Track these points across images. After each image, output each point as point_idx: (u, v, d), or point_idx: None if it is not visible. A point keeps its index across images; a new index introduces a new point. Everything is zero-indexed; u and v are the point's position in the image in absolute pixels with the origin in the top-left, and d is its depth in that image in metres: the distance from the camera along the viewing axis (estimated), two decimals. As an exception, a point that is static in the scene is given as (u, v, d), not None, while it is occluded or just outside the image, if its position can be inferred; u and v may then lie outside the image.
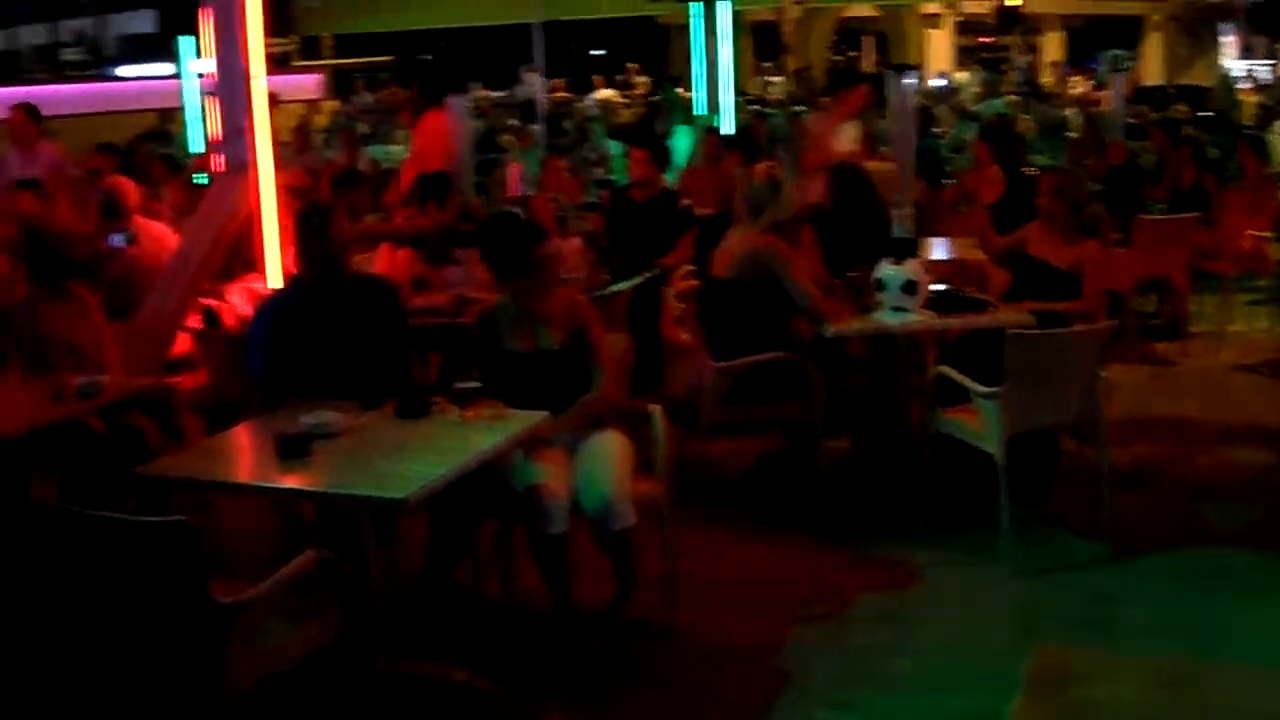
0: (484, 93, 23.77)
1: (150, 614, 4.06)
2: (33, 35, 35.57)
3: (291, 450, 4.56)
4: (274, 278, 7.63)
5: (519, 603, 5.52)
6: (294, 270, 6.26)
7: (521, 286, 5.62)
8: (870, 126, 11.53)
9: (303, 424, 4.73)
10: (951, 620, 5.62)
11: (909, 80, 9.02)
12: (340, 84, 27.06)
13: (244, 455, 5.00)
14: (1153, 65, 30.54)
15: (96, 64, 32.22)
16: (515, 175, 10.03)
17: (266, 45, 7.77)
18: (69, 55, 33.17)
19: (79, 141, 14.97)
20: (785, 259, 6.72)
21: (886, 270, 6.66)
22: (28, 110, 11.56)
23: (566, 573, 5.26)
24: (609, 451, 5.39)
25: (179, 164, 12.34)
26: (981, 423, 6.18)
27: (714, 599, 5.72)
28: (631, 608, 5.51)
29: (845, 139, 10.19)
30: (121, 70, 29.02)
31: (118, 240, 7.78)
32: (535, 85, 22.17)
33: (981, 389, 6.09)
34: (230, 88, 7.66)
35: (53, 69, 30.64)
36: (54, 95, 20.29)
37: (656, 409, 5.56)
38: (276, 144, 7.89)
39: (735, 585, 5.92)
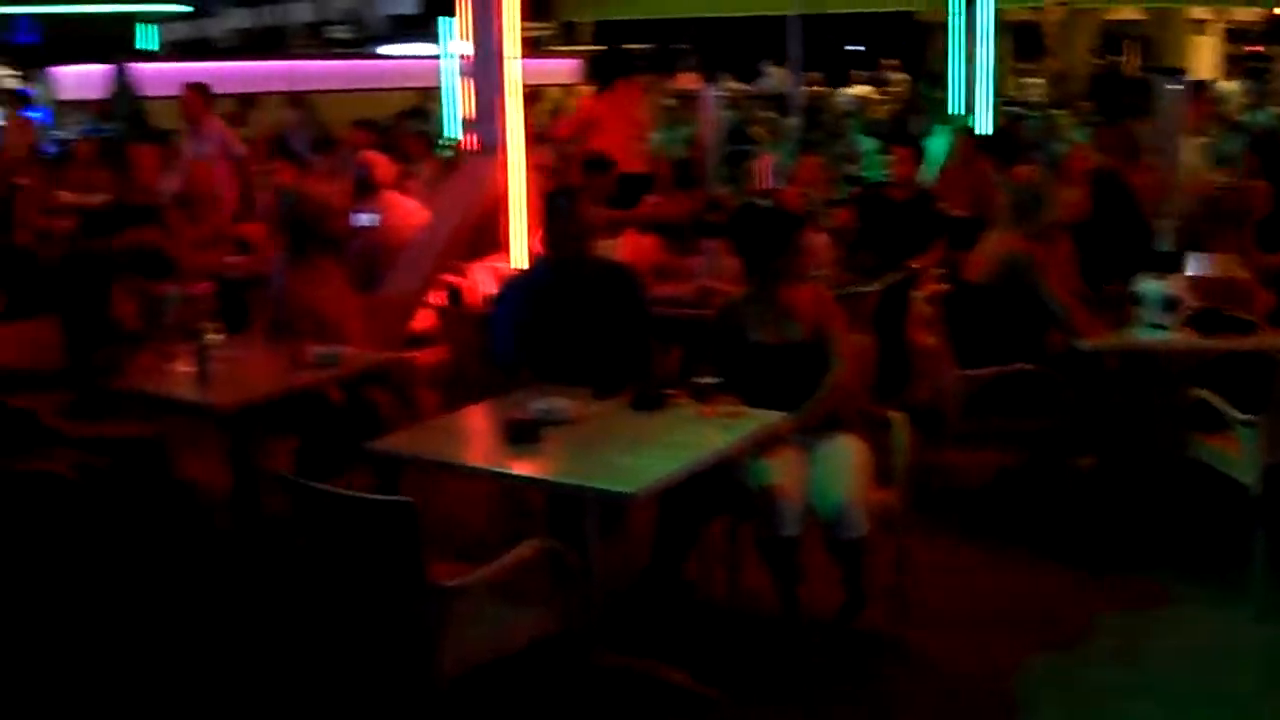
0: (735, 84, 23.69)
1: (368, 591, 4.05)
2: (302, 12, 36.72)
3: (521, 435, 4.51)
4: (519, 258, 7.65)
5: (743, 604, 5.38)
6: (540, 251, 6.22)
7: (771, 277, 5.47)
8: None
9: (534, 409, 4.68)
10: (1193, 662, 5.27)
11: (1176, 85, 8.58)
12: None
13: (475, 437, 4.98)
14: None
15: (361, 42, 33.12)
16: (766, 167, 9.90)
17: (525, 29, 7.81)
18: (335, 33, 34.20)
19: (342, 116, 15.38)
20: (1043, 267, 6.47)
21: (1147, 285, 6.37)
22: (199, 89, 11.85)
23: (796, 577, 5.09)
24: (846, 456, 5.21)
25: (435, 142, 12.53)
26: (1239, 451, 5.83)
27: (944, 617, 5.50)
28: (859, 619, 5.32)
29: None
30: (385, 49, 29.68)
31: (363, 220, 7.86)
32: (776, 78, 21.97)
33: (1241, 416, 5.75)
34: (484, 69, 7.73)
35: (319, 45, 31.55)
36: (320, 70, 20.85)
37: (898, 416, 5.37)
38: (530, 126, 7.90)
39: (968, 604, 5.68)
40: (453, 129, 12.56)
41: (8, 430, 5.32)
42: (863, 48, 33.80)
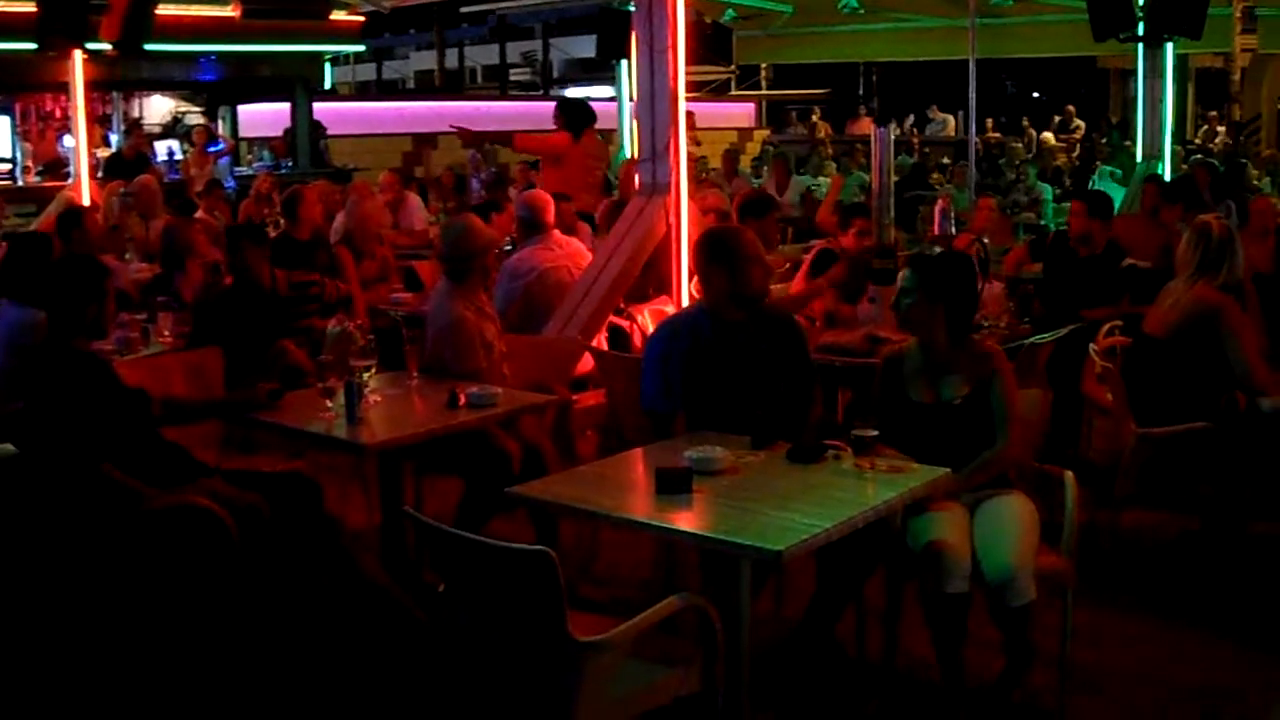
0: (913, 129, 23.52)
1: (507, 642, 3.95)
2: (484, 55, 37.32)
3: (671, 485, 4.37)
4: (685, 301, 7.57)
5: (900, 665, 5.16)
6: (698, 296, 6.10)
7: (950, 329, 5.26)
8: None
9: (686, 458, 4.54)
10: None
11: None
12: (773, 115, 27.25)
13: (625, 485, 4.85)
14: None
15: (541, 84, 33.51)
16: (940, 213, 9.69)
17: (703, 73, 7.81)
18: (516, 75, 34.66)
19: (518, 156, 15.52)
20: (1237, 322, 6.17)
21: (1334, 342, 6.05)
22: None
23: (961, 638, 4.84)
24: (1014, 517, 4.97)
25: (610, 184, 12.56)
26: None
27: (1110, 690, 5.20)
28: (1021, 688, 5.06)
29: None
30: (565, 91, 29.97)
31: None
32: (942, 123, 21.72)
33: None
34: (652, 110, 7.66)
35: (499, 88, 31.98)
36: (499, 112, 21.10)
37: (1069, 475, 5.12)
38: (692, 165, 7.84)
39: (1135, 678, 5.36)
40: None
41: (160, 463, 5.33)
42: (1042, 95, 33.33)
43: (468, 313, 6.38)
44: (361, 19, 19.70)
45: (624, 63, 14.75)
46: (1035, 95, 37.40)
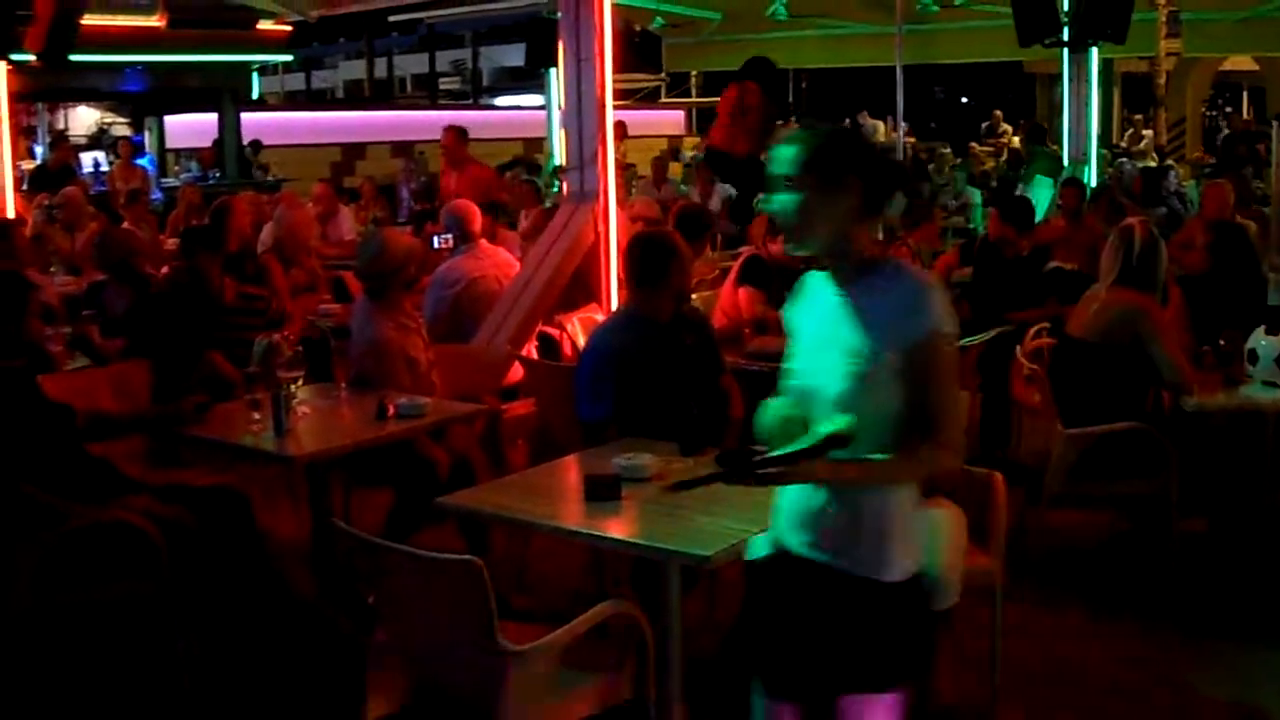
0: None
1: (436, 651, 3.93)
2: (413, 64, 37.24)
3: (600, 493, 4.37)
4: (615, 308, 7.56)
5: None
6: (625, 303, 6.10)
7: None
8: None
9: (615, 466, 4.54)
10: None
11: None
12: (704, 121, 27.30)
13: (555, 493, 4.84)
14: None
15: (471, 94, 33.45)
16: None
17: (633, 81, 7.82)
18: (446, 84, 34.57)
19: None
20: (1158, 323, 6.24)
21: (1260, 341, 6.13)
22: (458, 132, 12.21)
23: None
24: (939, 522, 4.99)
25: (540, 191, 12.56)
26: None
27: (1040, 689, 5.24)
28: (948, 690, 5.07)
29: None
30: (495, 99, 29.95)
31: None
32: (872, 129, 21.83)
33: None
34: (579, 118, 7.66)
35: (429, 97, 31.89)
36: (428, 121, 21.00)
37: (997, 477, 5.15)
38: (620, 172, 7.85)
39: (1065, 675, 5.41)
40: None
41: (86, 479, 5.26)
42: (971, 100, 33.59)
43: (388, 330, 6.32)
44: (289, 29, 19.61)
45: (553, 71, 14.73)
46: (964, 100, 37.72)
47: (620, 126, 18.65)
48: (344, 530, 4.17)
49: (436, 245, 8.06)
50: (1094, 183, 13.28)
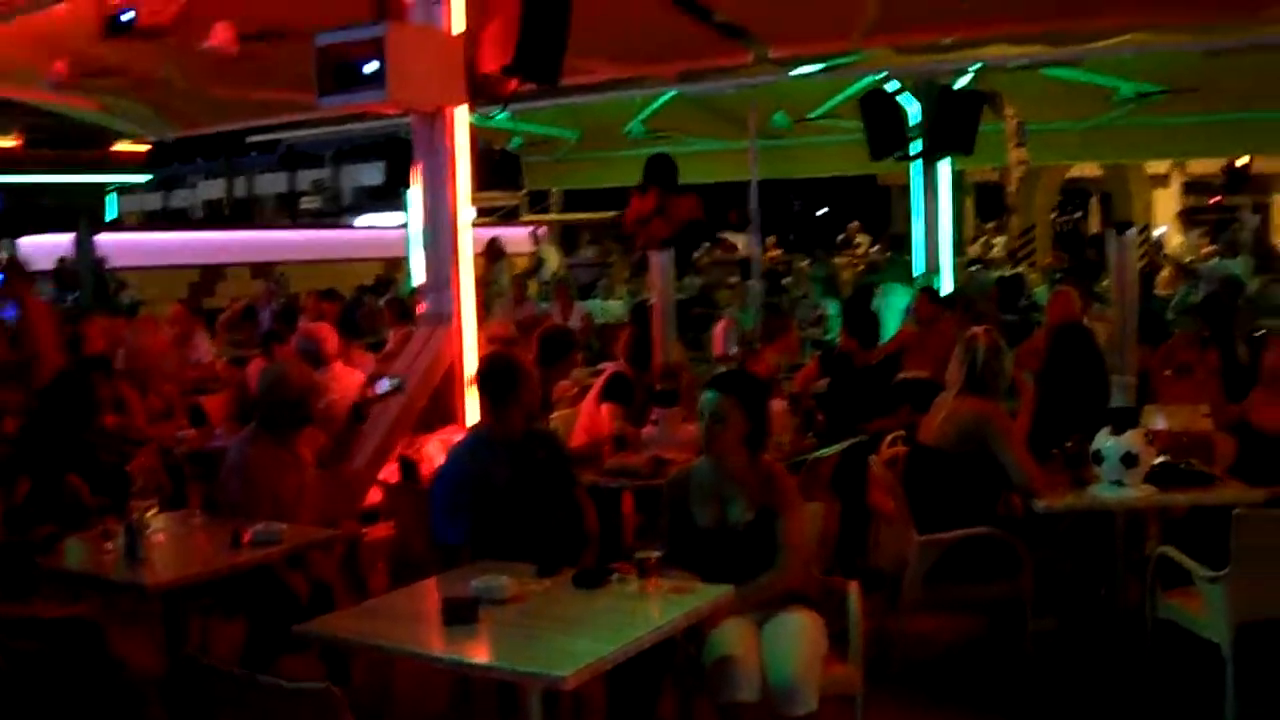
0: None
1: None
2: (273, 183, 37.11)
3: (457, 616, 4.36)
4: (472, 429, 7.55)
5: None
6: (480, 423, 6.12)
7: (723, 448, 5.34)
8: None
9: (472, 588, 4.53)
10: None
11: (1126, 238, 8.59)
12: (566, 238, 27.48)
13: (413, 617, 4.80)
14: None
15: (332, 213, 33.39)
16: (723, 332, 9.89)
17: (494, 199, 7.87)
18: (306, 204, 34.49)
19: (312, 285, 15.42)
20: (1004, 429, 6.40)
21: (1105, 441, 6.29)
22: None
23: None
24: (799, 630, 5.06)
25: (408, 311, 12.55)
26: (1206, 609, 5.71)
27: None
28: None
29: None
30: (355, 220, 29.93)
31: (384, 386, 7.65)
32: (730, 243, 22.18)
33: (1206, 572, 5.63)
34: (436, 240, 7.69)
35: (289, 216, 31.81)
36: (289, 241, 20.96)
37: (853, 586, 5.23)
38: (480, 293, 7.88)
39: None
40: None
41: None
42: (827, 210, 34.18)
43: (263, 459, 6.24)
44: (147, 148, 19.50)
45: (412, 190, 14.76)
46: (822, 212, 38.36)
47: (496, 244, 18.86)
48: (199, 661, 4.11)
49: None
50: (948, 291, 13.55)
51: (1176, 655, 5.98)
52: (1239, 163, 26.91)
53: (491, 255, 19.29)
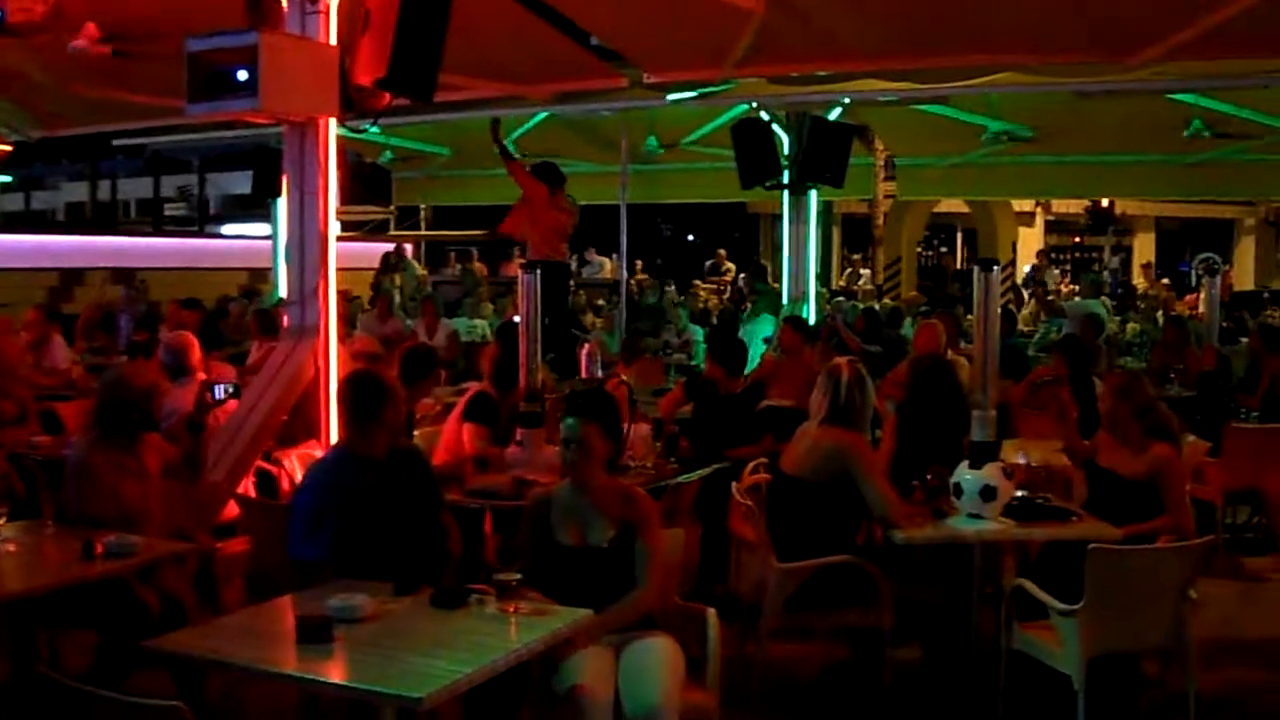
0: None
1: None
2: (138, 188, 36.49)
3: (312, 635, 4.30)
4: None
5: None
6: (341, 439, 6.05)
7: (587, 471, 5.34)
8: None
9: (327, 607, 4.47)
10: None
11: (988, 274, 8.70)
12: (432, 255, 27.32)
13: (266, 635, 4.72)
14: (1245, 269, 30.22)
15: (197, 220, 32.91)
16: (585, 355, 9.90)
17: (362, 213, 7.78)
18: (171, 210, 33.95)
19: (173, 294, 15.15)
20: (866, 460, 6.46)
21: (964, 474, 6.38)
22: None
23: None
24: (657, 657, 5.05)
25: (273, 323, 12.39)
26: (1060, 642, 5.81)
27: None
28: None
29: None
30: (220, 228, 29.53)
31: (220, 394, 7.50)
32: (599, 265, 22.26)
33: (1060, 606, 5.73)
34: (302, 252, 7.60)
35: (152, 222, 31.29)
36: (152, 248, 20.60)
37: (710, 612, 5.24)
38: (344, 305, 7.78)
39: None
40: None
41: None
42: (696, 238, 34.36)
43: (103, 462, 6.15)
44: (8, 149, 19.03)
45: (280, 201, 14.60)
46: (690, 238, 38.60)
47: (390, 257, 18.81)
48: (46, 677, 4.01)
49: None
50: (813, 320, 13.68)
51: (1030, 687, 6.07)
52: (1103, 204, 27.61)
53: (385, 267, 19.31)
